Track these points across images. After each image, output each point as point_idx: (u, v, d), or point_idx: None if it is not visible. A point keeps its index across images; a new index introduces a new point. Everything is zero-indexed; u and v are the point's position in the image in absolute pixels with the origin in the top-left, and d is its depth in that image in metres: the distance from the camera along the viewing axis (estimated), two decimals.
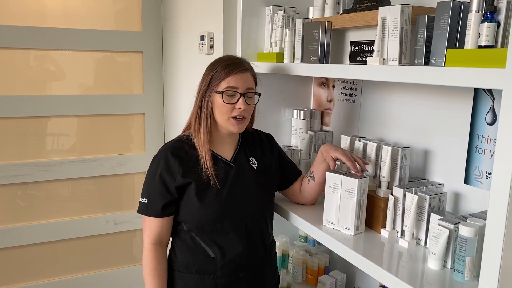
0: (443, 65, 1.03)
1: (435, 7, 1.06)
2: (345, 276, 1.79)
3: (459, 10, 1.02)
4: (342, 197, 1.33)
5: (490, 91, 1.19)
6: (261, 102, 1.44)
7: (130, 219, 2.74)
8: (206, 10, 2.04)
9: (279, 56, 1.67)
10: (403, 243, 1.24)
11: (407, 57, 1.18)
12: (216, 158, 1.39)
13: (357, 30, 1.64)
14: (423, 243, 1.25)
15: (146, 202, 1.36)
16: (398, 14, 1.16)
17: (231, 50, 1.87)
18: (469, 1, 0.98)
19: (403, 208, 1.26)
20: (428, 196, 1.22)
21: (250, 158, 1.45)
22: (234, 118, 1.34)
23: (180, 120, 2.43)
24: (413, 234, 1.25)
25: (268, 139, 1.56)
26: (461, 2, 1.03)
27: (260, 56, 1.78)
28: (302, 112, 1.84)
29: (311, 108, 1.97)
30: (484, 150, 1.21)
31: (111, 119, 2.63)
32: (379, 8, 1.22)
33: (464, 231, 1.03)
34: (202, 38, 2.02)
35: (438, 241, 1.11)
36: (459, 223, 1.08)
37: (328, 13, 1.57)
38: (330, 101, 1.86)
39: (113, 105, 2.60)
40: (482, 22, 0.93)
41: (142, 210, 1.37)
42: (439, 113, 1.35)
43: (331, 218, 1.36)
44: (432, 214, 1.19)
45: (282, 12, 1.68)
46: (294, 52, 1.61)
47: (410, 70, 1.07)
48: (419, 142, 1.43)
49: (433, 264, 1.12)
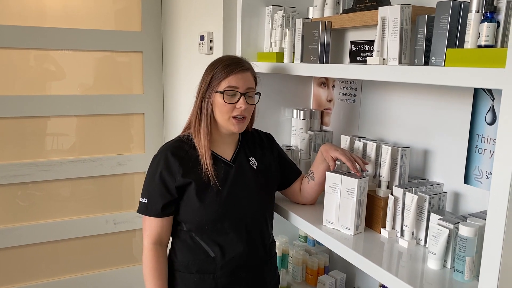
0: (443, 65, 1.03)
1: (435, 7, 1.06)
2: (345, 276, 1.79)
3: (459, 10, 1.02)
4: (342, 197, 1.33)
5: (490, 91, 1.19)
6: (261, 102, 1.44)
7: (130, 219, 2.74)
8: (206, 10, 2.04)
9: (279, 56, 1.67)
10: (403, 243, 1.24)
11: (407, 57, 1.18)
12: (216, 158, 1.39)
13: (357, 30, 1.64)
14: (423, 243, 1.25)
15: (146, 202, 1.36)
16: (398, 14, 1.16)
17: (231, 50, 1.87)
18: (469, 1, 0.98)
19: (403, 208, 1.26)
20: (428, 196, 1.22)
21: (250, 158, 1.45)
22: (234, 117, 1.34)
23: (180, 120, 2.43)
24: (413, 234, 1.25)
25: (268, 139, 1.56)
26: (461, 2, 1.03)
27: (260, 56, 1.78)
28: (302, 112, 1.84)
29: (311, 108, 1.97)
30: (484, 150, 1.21)
31: (111, 119, 2.63)
32: (379, 8, 1.22)
33: (464, 231, 1.03)
34: (202, 38, 2.02)
35: (438, 241, 1.11)
36: (459, 223, 1.08)
37: (328, 13, 1.57)
38: (330, 101, 1.86)
39: (113, 105, 2.60)
40: (482, 22, 0.93)
41: (142, 210, 1.37)
42: (439, 113, 1.35)
43: (331, 218, 1.36)
44: (432, 214, 1.19)
45: (282, 12, 1.68)
46: (294, 52, 1.61)
47: (410, 70, 1.07)
48: (419, 142, 1.43)
49: (433, 264, 1.12)
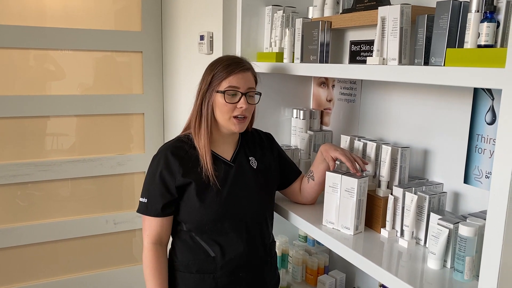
0: (443, 64, 1.03)
1: (435, 6, 1.06)
2: (344, 276, 1.79)
3: (459, 10, 1.02)
4: (341, 196, 1.33)
5: (489, 91, 1.19)
6: (260, 101, 1.43)
7: (130, 219, 2.74)
8: (206, 10, 2.04)
9: (279, 56, 1.67)
10: (403, 243, 1.24)
11: (406, 56, 1.18)
12: (216, 158, 1.39)
13: (356, 30, 1.64)
14: (422, 242, 1.25)
15: (146, 201, 1.36)
16: (398, 14, 1.16)
17: (230, 50, 1.87)
18: (468, 0, 0.98)
19: (403, 207, 1.26)
20: (427, 196, 1.22)
21: (250, 158, 1.45)
22: (235, 117, 1.34)
23: (179, 120, 2.43)
24: (412, 234, 1.25)
25: (268, 138, 1.56)
26: (460, 2, 1.03)
27: (260, 55, 1.78)
28: (301, 111, 1.84)
29: (311, 107, 1.97)
30: (484, 149, 1.21)
31: (111, 119, 2.63)
32: (379, 7, 1.22)
33: (464, 230, 1.03)
34: (202, 37, 2.02)
35: (438, 240, 1.11)
36: (458, 222, 1.08)
37: (327, 12, 1.57)
38: (330, 100, 1.86)
39: (112, 105, 2.60)
40: (482, 21, 0.93)
41: (142, 210, 1.37)
42: (439, 112, 1.35)
43: (331, 218, 1.36)
44: (431, 214, 1.19)
45: (282, 11, 1.68)
46: (293, 52, 1.61)
47: (409, 69, 1.07)
48: (418, 142, 1.43)
49: (432, 263, 1.12)
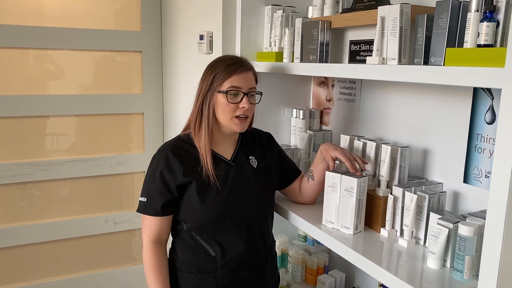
0: (443, 64, 1.03)
1: (435, 6, 1.06)
2: (344, 276, 1.79)
3: (458, 9, 1.02)
4: (341, 196, 1.33)
5: (489, 90, 1.19)
6: (260, 101, 1.43)
7: (130, 218, 2.74)
8: (206, 10, 2.04)
9: (279, 56, 1.67)
10: (403, 242, 1.24)
11: (406, 56, 1.18)
12: (216, 157, 1.39)
13: (356, 30, 1.64)
14: (422, 242, 1.25)
15: (146, 201, 1.36)
16: (398, 13, 1.16)
17: (230, 50, 1.87)
18: (468, 0, 0.98)
19: (403, 207, 1.26)
20: (427, 195, 1.22)
21: (250, 157, 1.45)
22: (237, 117, 1.34)
23: (179, 120, 2.43)
24: (412, 233, 1.25)
25: (268, 138, 1.56)
26: (460, 2, 1.03)
27: (260, 55, 1.78)
28: (301, 111, 1.84)
29: (311, 107, 1.97)
30: (484, 149, 1.21)
31: (110, 118, 2.63)
32: (378, 7, 1.22)
33: (464, 230, 1.03)
34: (202, 37, 2.02)
35: (438, 240, 1.11)
36: (458, 222, 1.08)
37: (327, 12, 1.57)
38: (330, 100, 1.86)
39: (112, 104, 2.60)
40: (481, 21, 0.93)
41: (142, 209, 1.37)
42: (439, 112, 1.35)
43: (331, 218, 1.36)
44: (431, 213, 1.19)
45: (281, 11, 1.68)
46: (293, 52, 1.61)
47: (409, 69, 1.07)
48: (418, 142, 1.43)
49: (432, 263, 1.12)
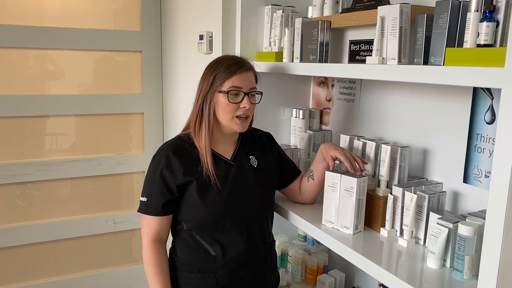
0: (442, 64, 1.03)
1: (434, 6, 1.06)
2: (344, 275, 1.79)
3: (458, 9, 1.02)
4: (341, 196, 1.33)
5: (489, 90, 1.19)
6: (260, 101, 1.43)
7: (129, 218, 2.74)
8: (205, 9, 2.04)
9: (278, 56, 1.67)
10: (402, 242, 1.24)
11: (406, 56, 1.18)
12: (216, 157, 1.39)
13: (356, 29, 1.64)
14: (422, 242, 1.25)
15: (146, 200, 1.36)
16: (397, 13, 1.16)
17: (230, 50, 1.87)
18: (468, 0, 0.98)
19: (402, 207, 1.26)
20: (427, 195, 1.22)
21: (250, 157, 1.45)
22: (238, 117, 1.34)
23: (179, 119, 2.43)
24: (412, 233, 1.25)
25: (268, 138, 1.56)
26: (460, 1, 1.03)
27: (259, 55, 1.78)
28: (301, 111, 1.84)
29: (310, 107, 1.97)
30: (483, 149, 1.21)
31: (110, 118, 2.63)
32: (378, 7, 1.22)
33: (463, 230, 1.03)
34: (201, 37, 2.02)
35: (437, 240, 1.11)
36: (458, 222, 1.08)
37: (327, 12, 1.57)
38: (329, 100, 1.86)
39: (112, 104, 2.60)
40: (481, 21, 0.93)
41: (143, 209, 1.37)
42: (438, 112, 1.35)
43: (330, 217, 1.36)
44: (431, 213, 1.19)
45: (281, 11, 1.68)
46: (293, 51, 1.61)
47: (409, 69, 1.07)
48: (418, 141, 1.43)
49: (432, 263, 1.12)
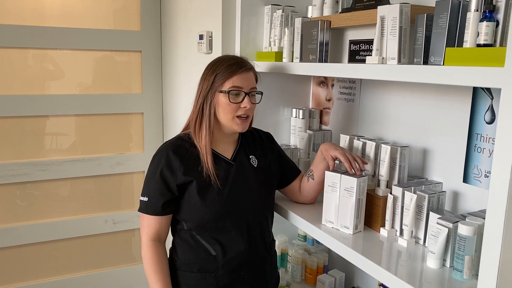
0: (442, 64, 1.03)
1: (434, 6, 1.06)
2: (344, 275, 1.79)
3: (458, 9, 1.02)
4: (341, 196, 1.33)
5: (489, 90, 1.19)
6: (260, 101, 1.43)
7: (129, 218, 2.74)
8: (205, 9, 2.04)
9: (278, 55, 1.67)
10: (402, 242, 1.24)
11: (406, 56, 1.18)
12: (216, 156, 1.39)
13: (356, 29, 1.64)
14: (422, 242, 1.25)
15: (146, 200, 1.36)
16: (397, 13, 1.16)
17: (230, 49, 1.87)
18: (468, 0, 0.98)
19: (402, 207, 1.26)
20: (427, 195, 1.22)
21: (250, 156, 1.45)
22: (238, 117, 1.35)
23: (179, 119, 2.43)
24: (412, 233, 1.25)
25: (268, 138, 1.56)
26: (460, 1, 1.03)
27: (259, 55, 1.78)
28: (301, 111, 1.84)
29: (310, 107, 1.97)
30: (483, 149, 1.21)
31: (110, 118, 2.63)
32: (378, 7, 1.22)
33: (463, 230, 1.04)
34: (201, 37, 2.02)
35: (437, 240, 1.11)
36: (458, 222, 1.08)
37: (327, 12, 1.57)
38: (329, 100, 1.86)
39: (112, 104, 2.60)
40: (481, 21, 0.93)
41: (143, 208, 1.37)
42: (438, 112, 1.35)
43: (330, 217, 1.36)
44: (431, 213, 1.19)
45: (281, 11, 1.68)
46: (293, 51, 1.61)
47: (409, 69, 1.07)
48: (418, 141, 1.43)
49: (432, 263, 1.12)
